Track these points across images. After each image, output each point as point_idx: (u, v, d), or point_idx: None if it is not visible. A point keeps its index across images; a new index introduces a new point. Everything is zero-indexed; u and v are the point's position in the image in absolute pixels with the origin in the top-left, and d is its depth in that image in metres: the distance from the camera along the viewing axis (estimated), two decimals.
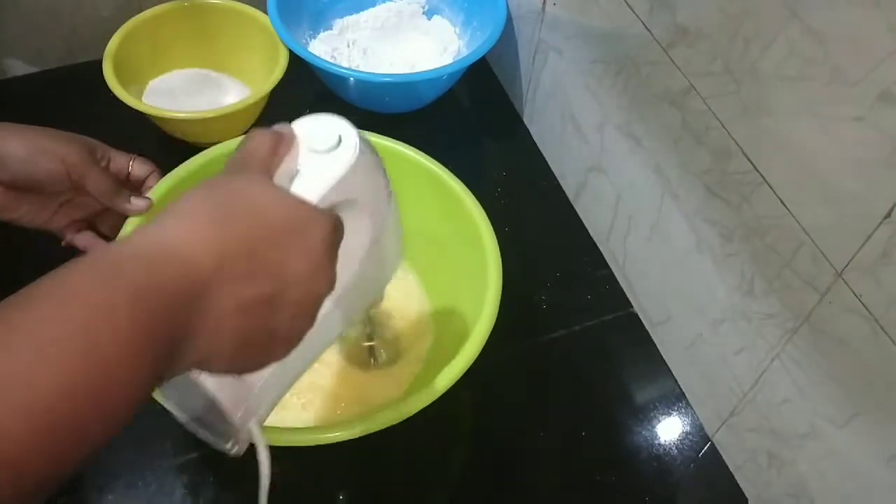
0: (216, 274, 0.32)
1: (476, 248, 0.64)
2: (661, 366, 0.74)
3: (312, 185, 0.42)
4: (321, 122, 0.45)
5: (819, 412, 0.56)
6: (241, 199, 0.35)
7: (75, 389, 0.26)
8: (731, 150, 0.57)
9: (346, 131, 0.44)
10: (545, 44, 0.83)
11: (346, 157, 0.43)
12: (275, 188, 0.37)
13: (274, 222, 0.35)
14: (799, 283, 0.54)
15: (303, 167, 0.42)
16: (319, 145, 0.43)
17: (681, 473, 0.68)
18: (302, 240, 0.35)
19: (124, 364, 0.28)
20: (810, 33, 0.48)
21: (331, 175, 0.43)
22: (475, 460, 0.68)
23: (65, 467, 0.27)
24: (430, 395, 0.54)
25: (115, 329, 0.28)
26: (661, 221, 0.69)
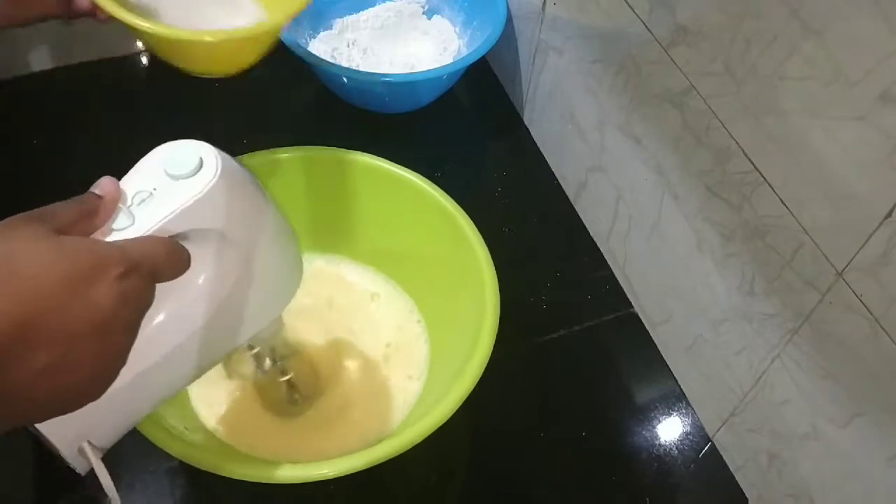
0: (2, 351, 0.31)
1: (475, 284, 0.62)
2: (662, 366, 0.74)
3: (158, 211, 0.40)
4: (183, 147, 0.43)
5: (820, 412, 0.56)
6: (14, 266, 0.33)
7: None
8: (731, 150, 0.57)
9: (208, 157, 0.42)
10: (545, 44, 0.83)
11: (201, 182, 0.41)
12: (54, 242, 0.35)
13: (52, 283, 0.33)
14: (799, 283, 0.54)
15: (156, 192, 0.41)
16: (176, 169, 0.41)
17: (681, 474, 0.68)
18: (86, 293, 0.34)
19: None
20: (810, 33, 0.48)
21: (179, 202, 0.41)
22: (474, 460, 0.67)
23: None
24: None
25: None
26: (662, 221, 0.69)
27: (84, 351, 0.34)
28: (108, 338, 0.35)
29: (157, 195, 0.41)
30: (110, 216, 0.40)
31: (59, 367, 0.33)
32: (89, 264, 0.35)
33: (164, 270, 0.39)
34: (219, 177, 0.42)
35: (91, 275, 0.34)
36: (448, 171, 0.87)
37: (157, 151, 0.43)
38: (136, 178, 0.42)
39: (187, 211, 0.41)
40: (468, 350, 0.57)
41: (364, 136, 0.90)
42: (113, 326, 0.35)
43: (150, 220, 0.40)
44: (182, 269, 0.40)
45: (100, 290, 0.34)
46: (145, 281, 0.37)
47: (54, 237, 0.35)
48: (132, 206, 0.41)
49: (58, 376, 0.33)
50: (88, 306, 0.34)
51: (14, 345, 0.32)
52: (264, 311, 0.51)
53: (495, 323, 0.59)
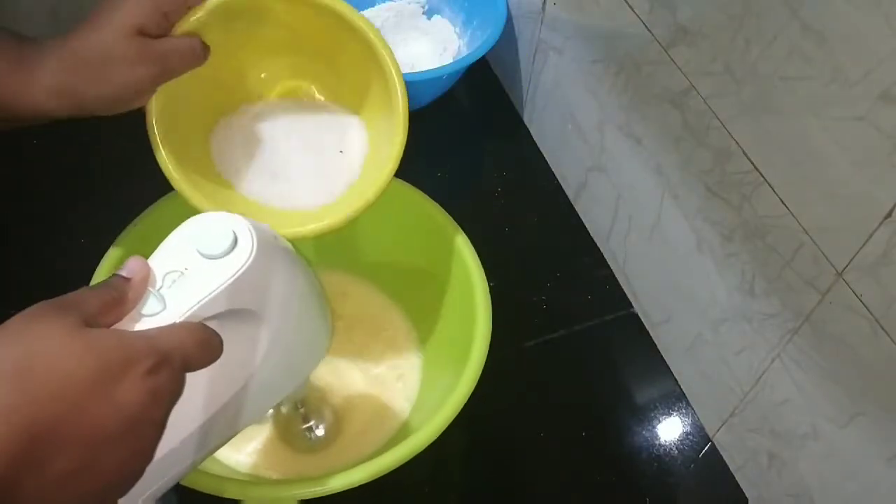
0: (17, 462, 0.30)
1: (465, 287, 0.62)
2: (662, 366, 0.74)
3: (190, 294, 0.38)
4: (216, 222, 0.41)
5: (819, 412, 0.56)
6: (39, 364, 0.31)
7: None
8: (731, 150, 0.57)
9: (243, 235, 0.40)
10: (545, 44, 0.83)
11: (236, 263, 0.39)
12: (80, 337, 0.33)
13: (77, 383, 0.31)
14: (799, 283, 0.54)
15: (188, 272, 0.39)
16: (209, 249, 0.39)
17: (681, 474, 0.68)
18: (113, 394, 0.32)
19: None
20: (810, 33, 0.48)
21: (213, 284, 0.38)
22: (474, 461, 0.67)
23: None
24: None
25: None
26: (662, 221, 0.69)
27: (109, 454, 0.32)
28: (134, 438, 0.33)
29: (188, 276, 0.39)
30: (139, 300, 0.38)
31: (82, 474, 0.32)
32: (117, 361, 0.33)
33: (194, 360, 0.37)
34: (255, 256, 0.40)
35: (119, 372, 0.33)
36: (448, 171, 0.87)
37: (186, 226, 0.41)
38: (165, 256, 0.40)
39: (222, 294, 0.39)
40: (462, 359, 0.57)
41: None
42: (140, 425, 0.33)
43: (183, 305, 0.38)
44: (214, 357, 0.38)
45: (128, 387, 0.33)
46: (176, 373, 0.35)
47: (80, 331, 0.33)
48: (162, 289, 0.38)
49: (80, 483, 0.32)
50: (115, 406, 0.32)
51: (30, 454, 0.30)
52: (292, 378, 0.50)
53: (487, 335, 0.58)
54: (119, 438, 0.33)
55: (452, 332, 0.63)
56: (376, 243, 0.71)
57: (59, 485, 0.31)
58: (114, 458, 0.33)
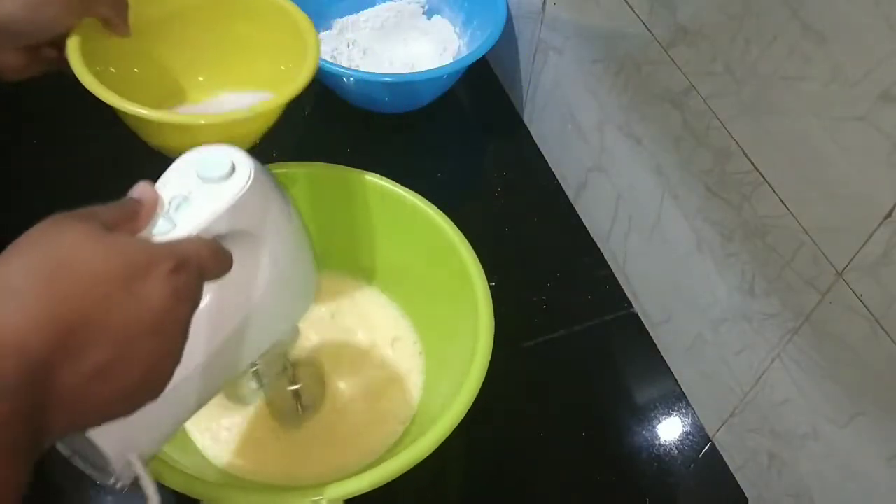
0: (53, 354, 0.31)
1: (468, 297, 0.62)
2: (662, 366, 0.74)
3: (197, 215, 0.41)
4: (215, 151, 0.44)
5: (819, 412, 0.56)
6: (67, 262, 0.33)
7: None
8: (731, 150, 0.57)
9: (240, 161, 0.43)
10: (545, 44, 0.83)
11: (237, 186, 0.42)
12: (103, 239, 0.34)
13: (105, 279, 0.33)
14: (799, 283, 0.54)
15: (192, 196, 0.41)
16: (210, 173, 0.42)
17: (681, 474, 0.68)
18: (140, 289, 0.34)
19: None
20: (810, 33, 0.48)
21: (218, 205, 0.41)
22: (474, 461, 0.67)
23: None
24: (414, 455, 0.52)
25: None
26: (662, 221, 0.69)
27: (139, 349, 0.34)
28: (162, 335, 0.35)
29: (192, 199, 0.41)
30: (150, 220, 0.40)
31: (114, 367, 0.33)
32: (141, 261, 0.34)
33: (210, 269, 0.39)
34: (253, 179, 0.43)
35: (143, 271, 0.34)
36: (448, 171, 0.87)
37: (187, 156, 0.44)
38: (169, 182, 0.43)
39: (226, 213, 0.41)
40: (464, 371, 0.57)
41: (364, 136, 0.90)
42: (167, 323, 0.35)
43: (190, 224, 0.40)
44: (226, 268, 0.40)
45: (153, 285, 0.34)
46: (195, 277, 0.37)
47: (102, 234, 0.35)
48: (170, 211, 0.41)
49: (113, 377, 0.33)
50: (142, 303, 0.34)
51: (66, 345, 0.31)
52: (291, 313, 0.52)
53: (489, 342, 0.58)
54: (148, 333, 0.34)
55: (454, 335, 0.63)
56: (377, 246, 0.71)
57: (92, 376, 0.32)
58: (144, 352, 0.34)
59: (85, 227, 0.34)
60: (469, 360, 0.57)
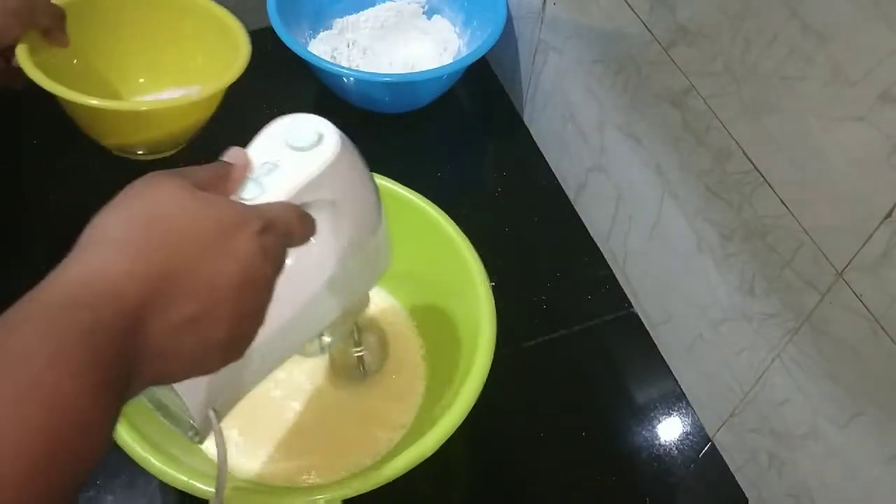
0: (146, 302, 0.32)
1: (470, 299, 0.62)
2: (662, 366, 0.74)
3: (286, 181, 0.42)
4: (303, 120, 0.45)
5: (819, 412, 0.56)
6: (162, 217, 0.34)
7: (51, 439, 0.27)
8: (731, 150, 0.57)
9: (327, 131, 0.44)
10: (545, 44, 0.83)
11: (325, 155, 0.43)
12: (196, 197, 0.36)
13: (198, 235, 0.34)
14: (799, 283, 0.54)
15: (281, 163, 0.42)
16: (299, 142, 0.43)
17: (681, 474, 0.68)
18: (230, 246, 0.35)
19: (88, 406, 0.29)
20: (810, 33, 0.48)
21: (306, 173, 0.42)
22: (474, 461, 0.67)
23: (60, 501, 0.28)
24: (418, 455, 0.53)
25: (71, 376, 0.29)
26: (662, 221, 0.69)
27: (227, 304, 0.35)
28: (249, 292, 0.36)
29: (282, 166, 0.42)
30: (240, 183, 0.41)
31: (204, 320, 0.34)
32: (231, 219, 0.36)
33: (295, 233, 0.40)
34: (340, 150, 0.44)
35: (232, 228, 0.35)
36: (448, 171, 0.87)
37: (276, 123, 0.45)
38: (259, 149, 0.43)
39: (314, 181, 0.42)
40: (466, 372, 0.57)
41: (364, 136, 0.90)
42: (253, 281, 0.36)
43: (279, 191, 0.41)
44: (310, 234, 0.41)
45: (241, 242, 0.35)
46: (281, 240, 0.38)
47: (194, 192, 0.36)
48: (259, 177, 0.42)
49: (202, 329, 0.34)
50: (231, 258, 0.35)
51: (158, 295, 0.32)
52: (367, 280, 0.53)
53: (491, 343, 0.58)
54: (235, 289, 0.35)
55: (456, 336, 0.63)
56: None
57: (182, 328, 0.33)
58: (231, 309, 0.35)
59: (179, 185, 0.36)
60: (471, 360, 0.57)
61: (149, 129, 0.72)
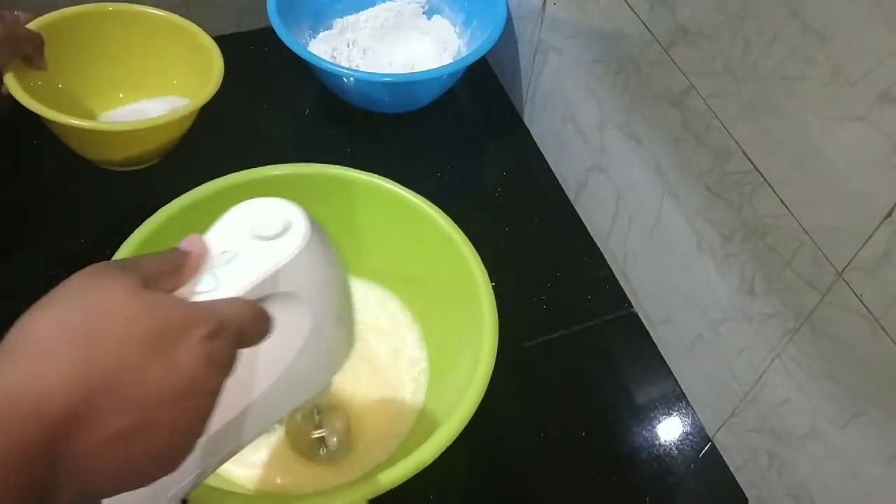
0: (73, 418, 0.29)
1: (472, 298, 0.61)
2: (662, 366, 0.74)
3: (244, 275, 0.38)
4: (271, 206, 0.42)
5: (819, 412, 0.56)
6: (100, 319, 0.31)
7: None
8: (731, 150, 0.57)
9: (296, 218, 0.41)
10: (545, 44, 0.83)
11: (290, 247, 0.40)
12: (141, 297, 0.33)
13: (137, 341, 0.31)
14: (799, 284, 0.54)
15: (241, 253, 0.39)
16: (263, 230, 0.40)
17: (681, 474, 0.68)
18: (172, 353, 0.32)
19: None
20: (810, 33, 0.48)
21: (266, 266, 0.39)
22: (474, 461, 0.67)
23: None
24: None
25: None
26: (662, 221, 0.69)
27: (163, 417, 0.32)
28: (189, 403, 0.33)
29: (241, 256, 0.39)
30: (195, 274, 0.38)
31: (135, 435, 0.31)
32: (176, 322, 0.33)
33: (248, 335, 0.37)
34: (308, 241, 0.40)
35: (178, 334, 0.32)
36: (448, 171, 0.87)
37: (241, 209, 0.42)
38: (219, 236, 0.41)
39: (274, 275, 0.39)
40: (468, 374, 0.57)
41: (364, 136, 0.90)
42: (195, 391, 0.33)
43: (235, 285, 0.38)
44: (265, 334, 0.38)
45: (186, 350, 0.32)
46: (231, 344, 0.35)
47: (139, 291, 0.33)
48: (216, 268, 0.39)
49: (133, 444, 0.31)
50: (172, 368, 0.32)
51: (91, 406, 0.30)
52: (327, 370, 0.50)
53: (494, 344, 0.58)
54: (174, 402, 0.32)
55: (458, 337, 0.63)
56: (380, 248, 0.71)
57: (111, 444, 0.31)
58: (167, 422, 0.32)
59: (123, 282, 0.33)
60: (473, 362, 0.57)
61: (126, 147, 0.76)
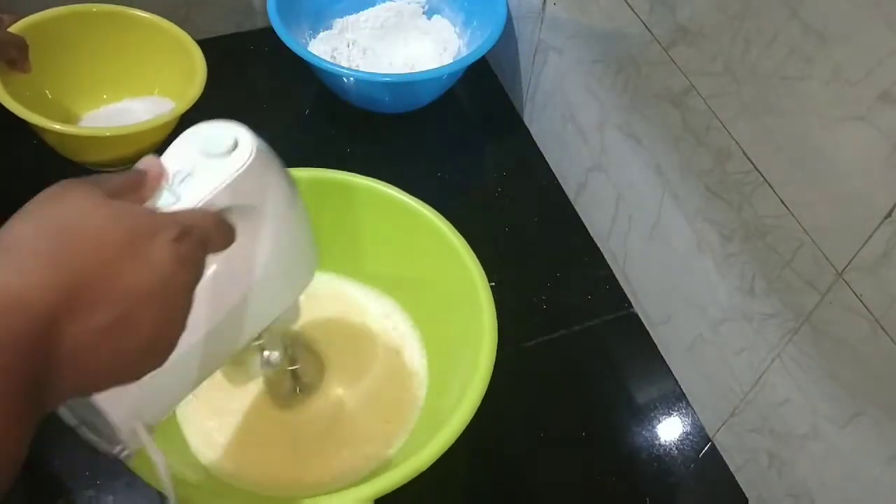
0: (60, 312, 0.31)
1: (472, 303, 0.62)
2: (662, 366, 0.74)
3: (200, 188, 0.41)
4: (219, 127, 0.44)
5: (819, 412, 0.56)
6: (73, 225, 0.34)
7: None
8: (731, 150, 0.57)
9: (243, 136, 0.44)
10: (545, 44, 0.83)
11: (239, 161, 0.43)
12: (109, 204, 0.35)
13: (111, 242, 0.34)
14: (799, 283, 0.54)
15: (195, 170, 0.42)
16: (213, 149, 0.43)
17: (681, 474, 0.68)
18: (145, 253, 0.34)
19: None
20: (810, 33, 0.48)
21: (220, 179, 0.42)
22: (474, 461, 0.67)
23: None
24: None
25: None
26: (662, 221, 0.69)
27: (145, 311, 0.34)
28: (167, 299, 0.35)
29: (196, 173, 0.42)
30: (155, 190, 0.41)
31: (121, 327, 0.33)
32: (145, 226, 0.35)
33: (213, 240, 0.40)
34: (255, 154, 0.43)
35: (147, 235, 0.35)
36: (448, 171, 0.87)
37: (190, 132, 0.45)
38: (173, 157, 0.43)
39: (229, 187, 0.42)
40: (468, 374, 0.57)
41: (364, 136, 0.90)
42: (172, 287, 0.35)
43: (194, 198, 0.41)
44: (229, 240, 0.41)
45: (157, 250, 0.35)
46: (198, 247, 0.38)
47: (107, 201, 0.35)
48: (174, 185, 0.41)
49: (119, 337, 0.33)
50: (147, 266, 0.34)
51: (72, 304, 0.32)
52: (292, 287, 0.53)
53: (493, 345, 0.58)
54: (153, 296, 0.34)
55: (458, 339, 0.63)
56: (379, 251, 0.71)
57: (97, 336, 0.32)
58: (149, 315, 0.34)
59: (90, 193, 0.35)
60: (473, 363, 0.57)
61: (106, 150, 0.78)
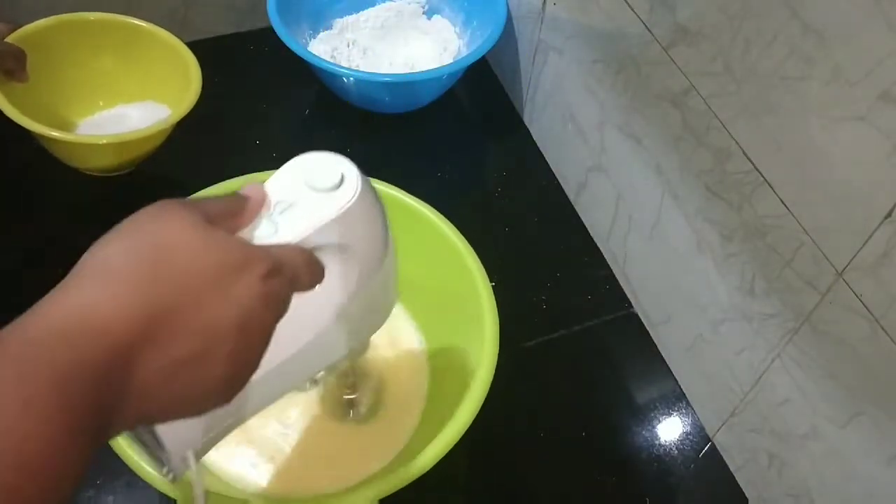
0: (139, 340, 0.31)
1: (474, 304, 0.62)
2: (662, 366, 0.74)
3: (300, 223, 0.40)
4: (327, 160, 0.43)
5: (819, 412, 0.56)
6: (166, 251, 0.33)
7: (20, 482, 0.26)
8: (731, 150, 0.57)
9: (350, 173, 0.43)
10: (545, 44, 0.83)
11: (343, 199, 0.42)
12: (205, 231, 0.35)
13: (200, 273, 0.33)
14: (799, 283, 0.54)
15: (298, 203, 0.41)
16: (319, 183, 0.42)
17: (681, 474, 0.68)
18: (231, 288, 0.34)
19: (60, 451, 0.28)
20: (810, 33, 0.48)
21: (322, 216, 0.41)
22: (474, 461, 0.67)
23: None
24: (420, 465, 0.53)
25: (44, 422, 0.27)
26: (662, 221, 0.69)
27: (222, 348, 0.34)
28: (246, 337, 0.34)
29: (298, 206, 0.41)
30: (254, 218, 0.40)
31: (196, 362, 0.33)
32: (238, 259, 0.34)
33: (302, 280, 0.39)
34: (360, 194, 0.42)
35: (237, 270, 0.34)
36: (448, 171, 0.87)
37: (298, 161, 0.44)
38: (277, 186, 0.42)
39: (329, 225, 0.41)
40: (470, 375, 0.57)
41: (364, 136, 0.90)
42: (252, 326, 0.35)
43: (292, 232, 0.40)
44: (317, 281, 0.40)
45: (244, 286, 0.34)
46: (286, 286, 0.37)
47: (205, 227, 0.35)
48: (274, 215, 0.41)
49: (194, 371, 0.33)
50: (231, 302, 0.34)
51: (156, 331, 0.31)
52: (368, 327, 0.52)
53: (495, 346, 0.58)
54: (231, 334, 0.34)
55: (459, 339, 0.63)
56: None
57: (171, 370, 0.32)
58: (224, 353, 0.34)
59: (189, 219, 0.35)
60: (475, 364, 0.57)
61: (104, 157, 0.78)
